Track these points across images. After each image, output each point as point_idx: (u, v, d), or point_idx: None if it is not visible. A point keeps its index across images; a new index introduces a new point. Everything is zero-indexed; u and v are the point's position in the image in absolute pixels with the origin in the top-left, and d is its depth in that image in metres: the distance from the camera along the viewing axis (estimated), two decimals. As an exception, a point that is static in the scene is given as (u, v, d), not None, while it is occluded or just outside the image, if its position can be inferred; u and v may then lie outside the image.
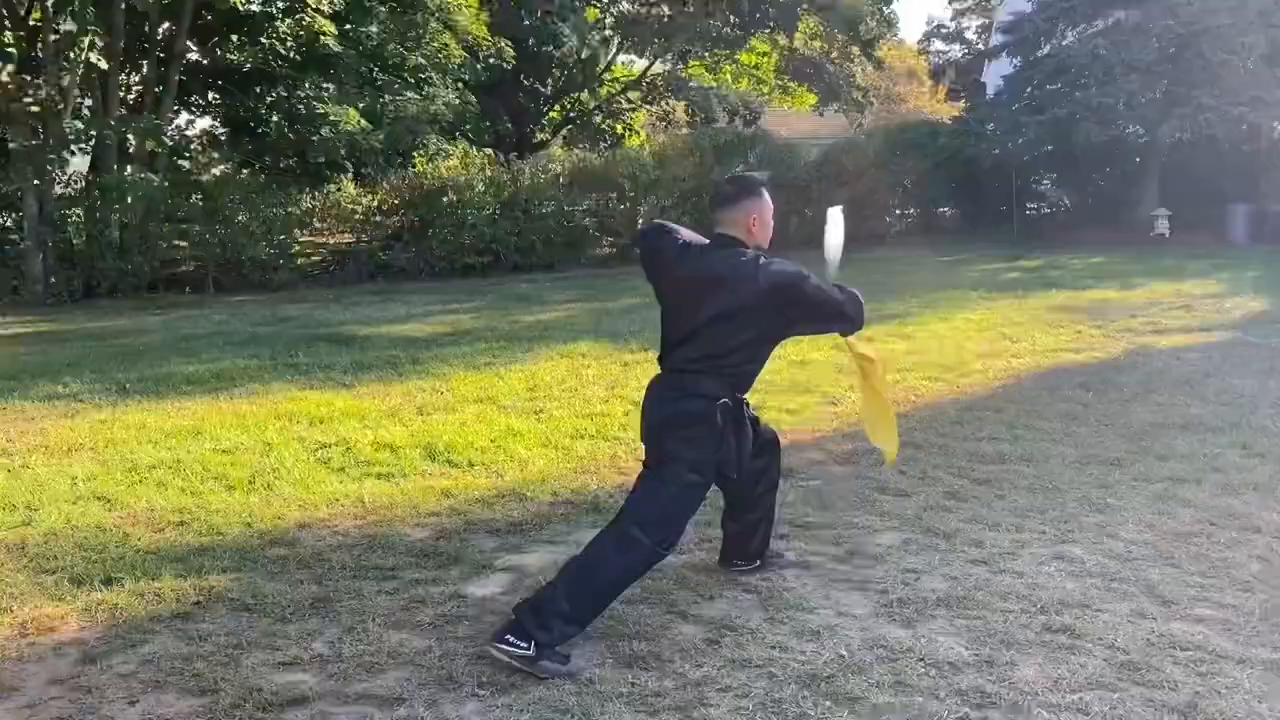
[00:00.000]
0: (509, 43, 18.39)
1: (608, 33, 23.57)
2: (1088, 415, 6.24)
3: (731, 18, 21.85)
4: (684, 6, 22.72)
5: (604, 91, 25.14)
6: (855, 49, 23.23)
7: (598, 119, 24.64)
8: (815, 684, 3.03)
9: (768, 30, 22.83)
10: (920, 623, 3.45)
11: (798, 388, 7.06)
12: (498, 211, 16.57)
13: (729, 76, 24.58)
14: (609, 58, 24.02)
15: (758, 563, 3.90)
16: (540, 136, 24.07)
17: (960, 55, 49.65)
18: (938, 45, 51.08)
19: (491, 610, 3.60)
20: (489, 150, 22.21)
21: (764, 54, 24.20)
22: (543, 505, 4.78)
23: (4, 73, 13.45)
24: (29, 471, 5.33)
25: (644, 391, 3.56)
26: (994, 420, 6.19)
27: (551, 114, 24.83)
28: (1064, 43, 19.78)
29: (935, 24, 52.80)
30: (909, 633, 3.37)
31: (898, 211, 21.05)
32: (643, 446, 3.57)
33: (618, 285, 14.15)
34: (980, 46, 45.18)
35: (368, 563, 4.06)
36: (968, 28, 49.91)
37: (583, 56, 23.17)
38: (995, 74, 26.37)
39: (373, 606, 3.64)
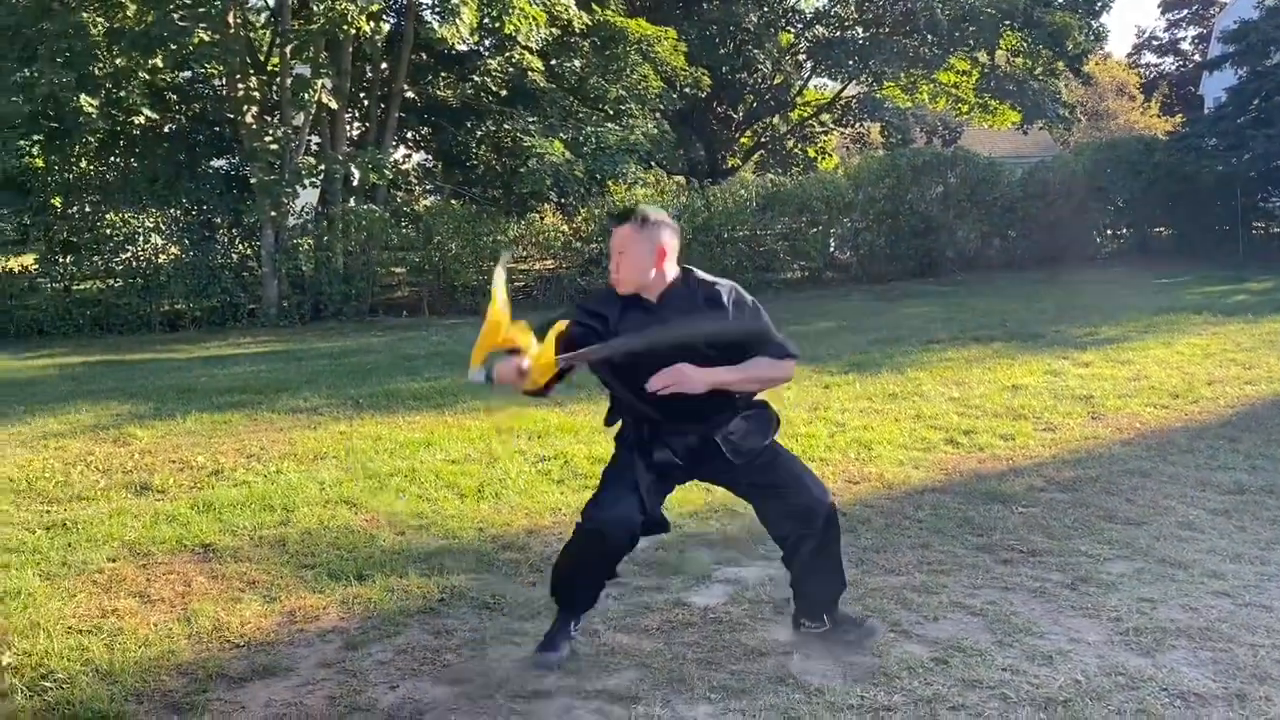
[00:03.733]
0: (705, 71, 18.70)
1: (801, 57, 23.59)
2: (1337, 446, 5.81)
3: (929, 37, 21.48)
4: (879, 29, 22.51)
5: (795, 115, 25.15)
6: (1061, 64, 22.38)
7: (790, 143, 24.65)
8: (1052, 708, 2.98)
9: (967, 48, 22.30)
10: (1160, 652, 3.33)
11: (1012, 413, 6.87)
12: (691, 236, 16.84)
13: (926, 96, 24.11)
14: (802, 82, 24.01)
15: (823, 623, 3.49)
16: (732, 162, 24.31)
17: (1174, 67, 46.92)
18: (1149, 58, 48.48)
19: (714, 619, 3.71)
20: (680, 177, 22.64)
21: (963, 72, 23.62)
22: (754, 522, 4.83)
23: (249, 114, 14.73)
24: (282, 477, 5.83)
25: None
26: (1228, 449, 5.86)
27: (743, 140, 25.03)
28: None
29: (1146, 36, 50.03)
30: (1148, 661, 3.26)
31: (1109, 231, 20.09)
32: (851, 470, 3.60)
33: (811, 309, 14.13)
34: (1196, 58, 42.57)
35: (593, 570, 4.24)
36: (1182, 39, 47.14)
37: (775, 82, 23.28)
38: (1215, 86, 24.83)
39: (602, 610, 3.80)
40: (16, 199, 15.04)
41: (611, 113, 17.52)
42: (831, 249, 18.42)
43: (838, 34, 23.16)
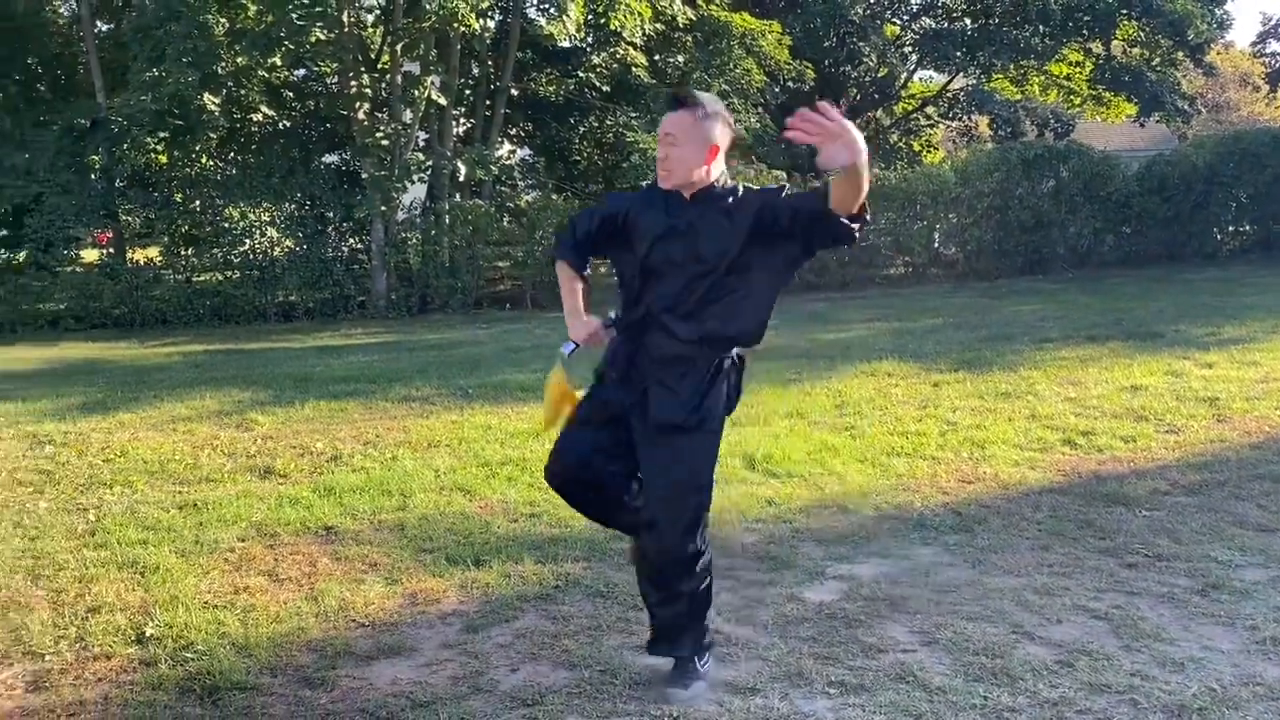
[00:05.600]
0: (809, 64, 18.52)
1: (907, 49, 23.18)
2: None
3: (1041, 27, 20.87)
4: (988, 20, 21.97)
5: (900, 108, 24.71)
6: (1181, 54, 21.52)
7: (894, 136, 24.24)
8: (1185, 715, 2.89)
9: (1081, 39, 21.61)
10: (1301, 664, 3.20)
11: (1132, 414, 6.66)
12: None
13: (1036, 88, 23.42)
14: (907, 74, 23.58)
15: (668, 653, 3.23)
16: (834, 156, 23.96)
17: (1303, 55, 44.66)
18: (1275, 46, 46.20)
19: (829, 614, 3.69)
20: (779, 171, 22.43)
21: (1076, 64, 22.88)
22: (866, 519, 4.82)
23: (361, 111, 15.12)
24: (398, 463, 5.98)
25: None
26: (1370, 456, 5.58)
27: (845, 133, 24.64)
28: None
29: (1273, 23, 47.71)
30: (1288, 674, 3.14)
31: (1230, 228, 19.25)
32: (964, 469, 3.51)
33: (915, 305, 13.89)
34: (1329, 45, 40.48)
35: (705, 562, 4.26)
36: (1313, 25, 44.78)
37: (880, 74, 22.91)
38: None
39: (715, 602, 3.81)
40: (143, 194, 15.73)
41: (714, 107, 17.45)
42: (936, 244, 18.06)
43: (945, 25, 22.67)
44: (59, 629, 3.69)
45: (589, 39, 18.17)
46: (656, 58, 17.49)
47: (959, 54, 21.47)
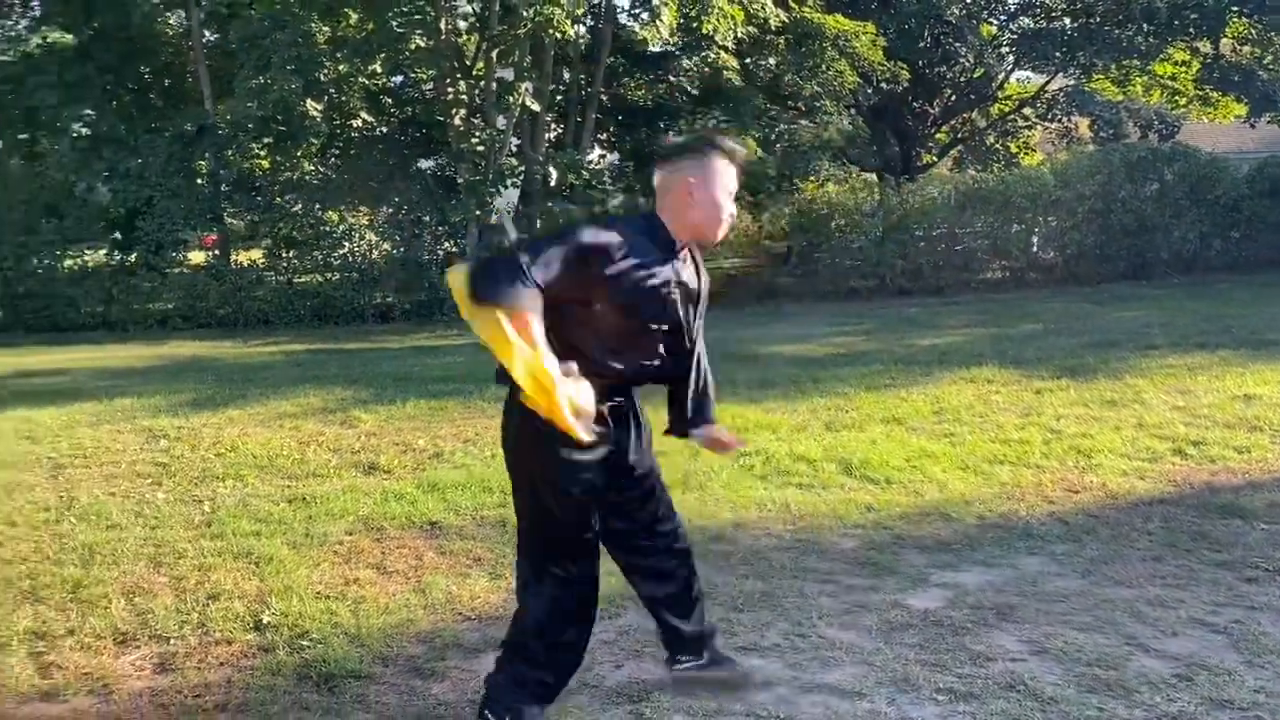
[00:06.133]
0: (904, 65, 18.29)
1: (1004, 49, 22.71)
2: None
3: (1145, 26, 20.26)
4: (1089, 19, 21.40)
5: (996, 109, 24.23)
6: (1296, 50, 20.69)
7: (990, 138, 23.77)
8: (1315, 736, 2.79)
9: (1188, 37, 20.91)
10: None
11: (1246, 424, 6.42)
12: (883, 235, 16.52)
13: (1140, 89, 22.74)
14: (1005, 75, 23.11)
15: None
16: (927, 158, 23.65)
17: None
18: (1398, 41, 43.99)
19: (935, 621, 3.64)
20: (869, 175, 22.20)
21: (1182, 63, 22.15)
22: (969, 527, 4.74)
23: (456, 117, 15.42)
24: (497, 460, 6.06)
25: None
26: None
27: (939, 135, 24.31)
28: None
29: (1395, 17, 45.39)
30: None
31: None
32: (1070, 479, 3.39)
33: (1014, 310, 13.60)
34: None
35: (805, 565, 4.25)
36: None
37: (976, 75, 22.50)
38: None
39: (816, 606, 3.81)
40: (247, 198, 16.28)
41: (804, 109, 17.38)
42: (1035, 248, 17.66)
43: (1044, 25, 22.16)
44: (182, 614, 3.85)
45: (679, 43, 18.24)
46: (748, 61, 17.45)
47: (1058, 54, 20.97)
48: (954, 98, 22.73)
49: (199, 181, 15.81)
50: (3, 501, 5.35)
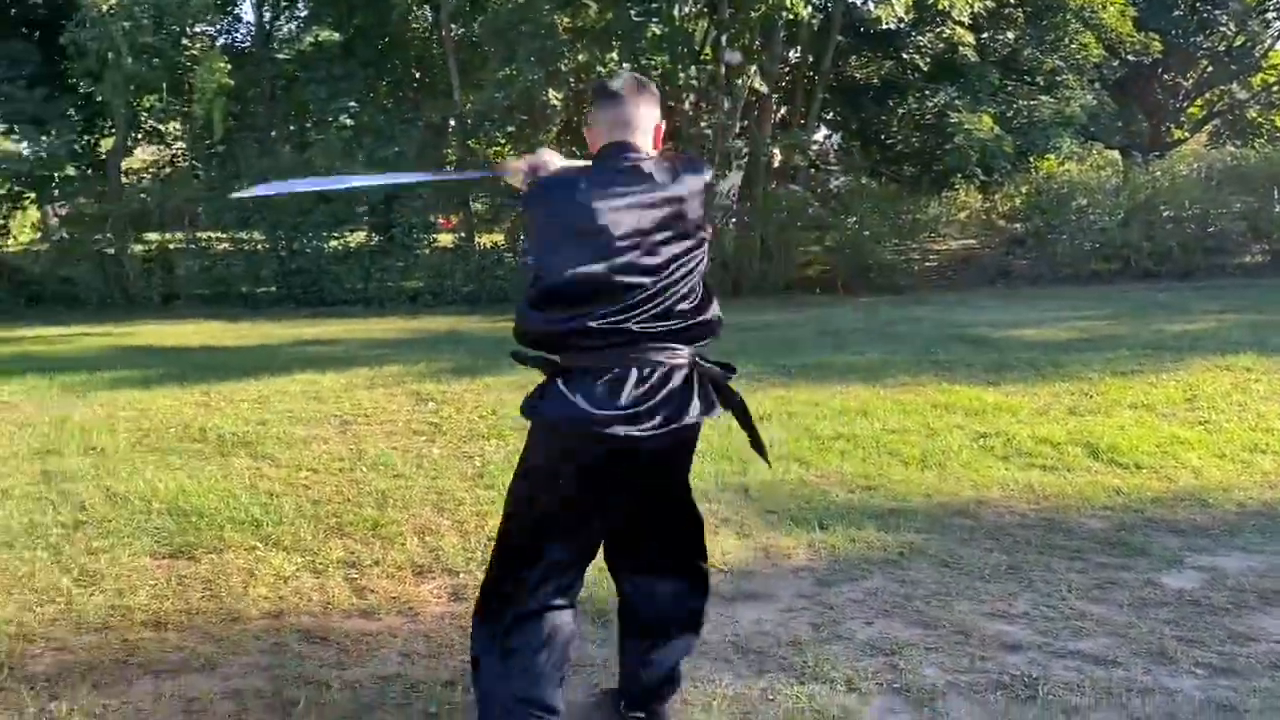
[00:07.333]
0: (1155, 35, 17.22)
1: (1270, 15, 20.92)
2: None
3: None
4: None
5: (1259, 80, 22.34)
6: None
7: (1251, 112, 21.97)
8: None
9: None
10: None
11: None
12: (1127, 214, 15.67)
13: None
14: (1270, 42, 21.28)
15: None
16: (1177, 134, 22.12)
17: None
18: None
19: (1191, 601, 3.62)
20: (1113, 151, 20.99)
21: None
22: (1228, 514, 4.61)
23: (687, 102, 15.78)
24: (734, 432, 6.32)
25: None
26: None
27: (1192, 109, 22.68)
28: None
29: None
30: None
31: None
32: None
33: (1276, 297, 12.66)
34: None
35: (1051, 542, 4.27)
36: None
37: (1237, 44, 20.84)
38: None
39: (1065, 580, 3.85)
40: (490, 183, 17.28)
41: (1044, 84, 16.69)
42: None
43: (1320, -16, 20.27)
44: (466, 552, 4.32)
45: (912, 19, 17.89)
46: (984, 35, 16.91)
47: (1337, 16, 19.13)
48: (1210, 68, 21.14)
49: (447, 168, 16.91)
50: (305, 451, 6.08)
